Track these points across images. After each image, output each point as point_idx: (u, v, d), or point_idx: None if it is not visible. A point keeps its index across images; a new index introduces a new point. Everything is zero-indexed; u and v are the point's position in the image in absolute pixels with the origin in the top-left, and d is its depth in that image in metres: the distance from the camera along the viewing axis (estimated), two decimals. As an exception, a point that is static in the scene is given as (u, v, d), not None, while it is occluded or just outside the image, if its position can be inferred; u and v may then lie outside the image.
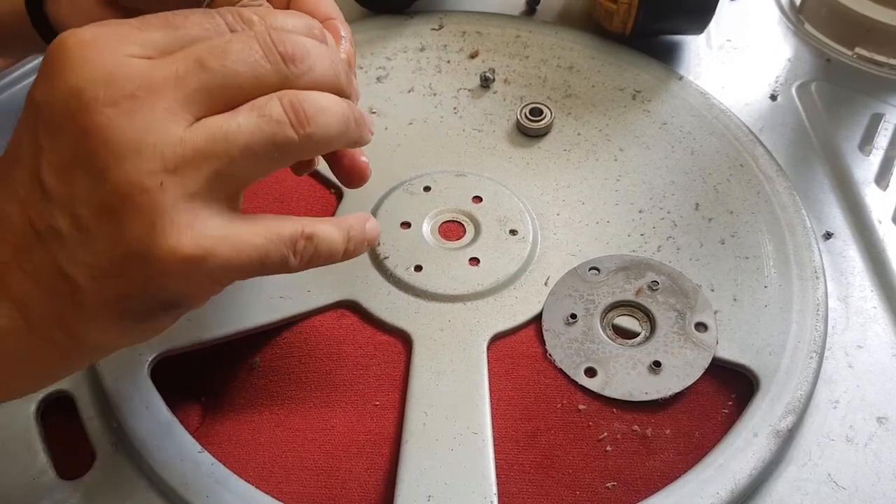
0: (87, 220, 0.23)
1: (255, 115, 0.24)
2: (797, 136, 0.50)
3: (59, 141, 0.23)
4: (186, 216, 0.23)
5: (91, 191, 0.23)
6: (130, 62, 0.23)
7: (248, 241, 0.24)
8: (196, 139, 0.23)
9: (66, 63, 0.23)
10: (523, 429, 0.37)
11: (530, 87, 0.51)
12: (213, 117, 0.23)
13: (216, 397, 0.38)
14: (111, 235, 0.23)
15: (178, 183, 0.23)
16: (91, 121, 0.22)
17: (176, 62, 0.23)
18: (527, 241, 0.42)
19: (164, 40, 0.24)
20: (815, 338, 0.38)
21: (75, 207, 0.23)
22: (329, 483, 0.35)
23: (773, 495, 0.35)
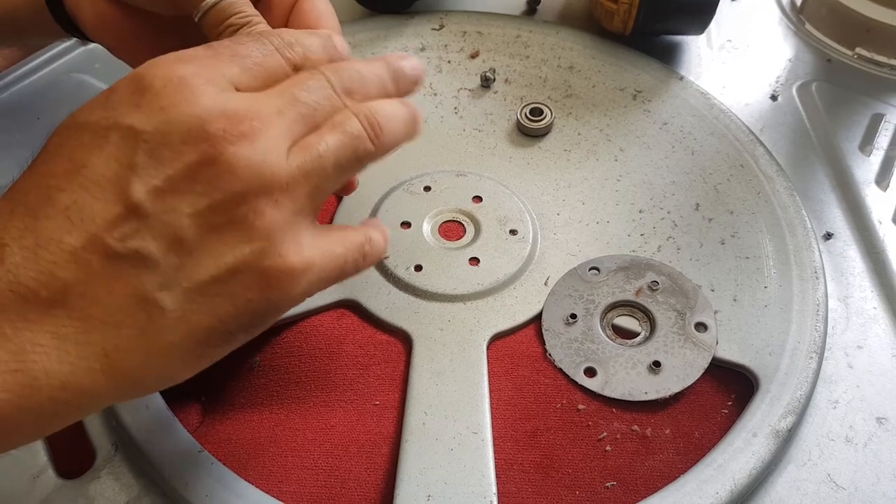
0: (193, 238, 0.23)
1: (338, 133, 0.27)
2: (798, 136, 0.50)
3: (170, 165, 0.23)
4: (295, 230, 0.25)
5: (206, 210, 0.24)
6: (237, 97, 0.25)
7: (335, 251, 0.27)
8: (300, 160, 0.26)
9: (179, 97, 0.24)
10: (523, 428, 0.37)
11: (531, 87, 0.51)
12: (306, 139, 0.26)
13: (216, 397, 0.38)
14: (223, 251, 0.24)
15: (289, 200, 0.25)
16: (221, 148, 0.24)
17: (273, 98, 0.26)
18: (527, 241, 0.42)
19: (239, 72, 0.26)
20: (815, 338, 0.38)
21: (179, 227, 0.23)
22: (329, 482, 0.35)
23: (772, 495, 0.35)
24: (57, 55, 0.55)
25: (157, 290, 0.23)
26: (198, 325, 0.24)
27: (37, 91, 0.53)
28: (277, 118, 0.25)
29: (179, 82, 0.24)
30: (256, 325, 0.26)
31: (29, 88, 0.53)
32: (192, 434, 0.35)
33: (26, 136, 0.49)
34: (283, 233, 0.25)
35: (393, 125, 0.28)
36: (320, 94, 0.27)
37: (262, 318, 0.26)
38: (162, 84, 0.24)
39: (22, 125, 0.50)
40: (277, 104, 0.26)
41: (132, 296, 0.23)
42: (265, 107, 0.25)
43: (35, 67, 0.54)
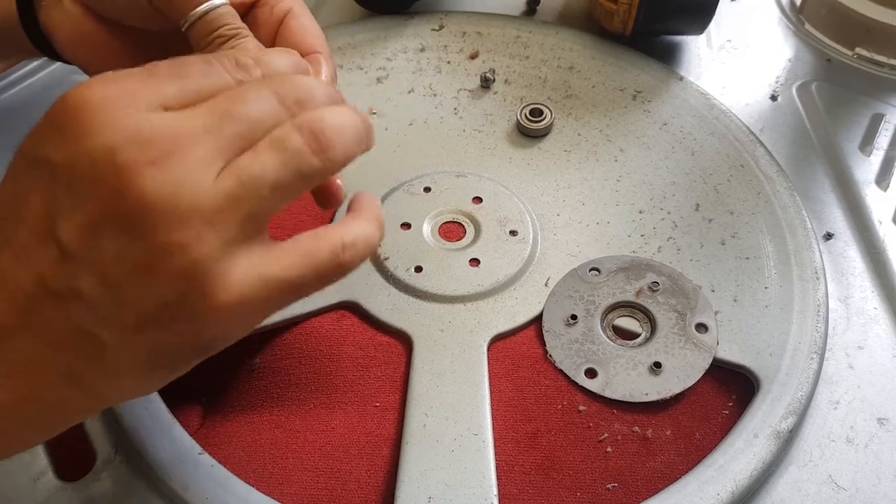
0: (117, 278, 0.22)
1: (277, 150, 0.24)
2: (798, 136, 0.50)
3: (85, 201, 0.22)
4: (224, 264, 0.23)
5: (124, 249, 0.22)
6: (156, 119, 0.23)
7: (283, 275, 0.25)
8: (227, 186, 0.23)
9: (89, 123, 0.22)
10: (524, 430, 0.37)
11: (530, 88, 0.51)
12: (239, 160, 0.24)
13: (216, 398, 0.38)
14: (147, 291, 0.23)
15: (214, 233, 0.23)
16: (128, 181, 0.22)
17: (199, 116, 0.23)
18: (527, 242, 0.42)
19: (176, 92, 0.24)
20: (816, 338, 0.38)
21: (104, 266, 0.22)
22: (329, 484, 0.35)
23: (773, 496, 0.35)
24: (56, 56, 0.55)
25: (94, 325, 0.23)
26: (138, 356, 0.24)
27: (37, 92, 0.52)
28: (203, 138, 0.23)
29: (97, 106, 0.22)
30: (201, 355, 0.25)
31: (29, 90, 0.53)
32: (192, 436, 0.35)
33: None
34: (206, 270, 0.23)
35: (343, 138, 0.25)
36: (259, 107, 0.24)
37: (203, 349, 0.25)
38: (80, 109, 0.23)
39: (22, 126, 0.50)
40: (205, 122, 0.23)
41: (75, 329, 0.23)
42: (188, 126, 0.23)
43: (35, 68, 0.54)
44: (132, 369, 0.24)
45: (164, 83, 0.24)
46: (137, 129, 0.22)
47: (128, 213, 0.22)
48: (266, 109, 0.24)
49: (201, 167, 0.23)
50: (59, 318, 0.23)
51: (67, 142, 0.22)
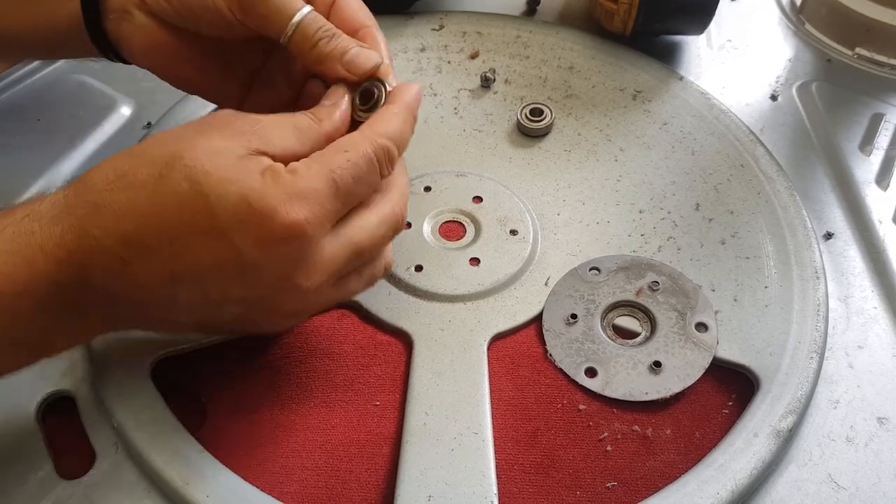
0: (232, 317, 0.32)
1: (366, 279, 0.35)
2: (798, 136, 0.50)
3: (247, 290, 0.30)
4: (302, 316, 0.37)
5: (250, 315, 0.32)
6: (324, 255, 0.30)
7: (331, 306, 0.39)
8: (329, 297, 0.33)
9: (287, 244, 0.29)
10: (524, 429, 0.37)
11: (531, 88, 0.51)
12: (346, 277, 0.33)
13: (217, 397, 0.38)
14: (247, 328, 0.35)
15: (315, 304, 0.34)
16: (282, 294, 0.31)
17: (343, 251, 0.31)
18: (527, 242, 0.42)
19: (341, 209, 0.31)
20: (816, 338, 0.38)
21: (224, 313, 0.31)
22: (329, 483, 0.35)
23: (773, 495, 0.35)
24: (57, 56, 0.55)
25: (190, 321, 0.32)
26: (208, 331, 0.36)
27: (37, 92, 0.53)
28: (338, 268, 0.31)
29: (294, 232, 0.29)
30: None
31: (29, 89, 0.53)
32: (192, 435, 0.35)
33: (26, 136, 0.49)
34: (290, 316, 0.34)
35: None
36: (381, 244, 0.33)
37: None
38: (283, 228, 0.28)
39: (22, 126, 0.50)
40: (344, 257, 0.31)
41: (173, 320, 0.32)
42: (336, 258, 0.31)
43: (36, 68, 0.54)
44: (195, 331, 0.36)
45: (340, 203, 0.30)
46: (310, 260, 0.30)
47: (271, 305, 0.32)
48: (384, 243, 0.33)
49: (327, 285, 0.32)
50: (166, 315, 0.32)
51: (262, 248, 0.29)
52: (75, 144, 0.49)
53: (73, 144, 0.49)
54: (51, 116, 0.50)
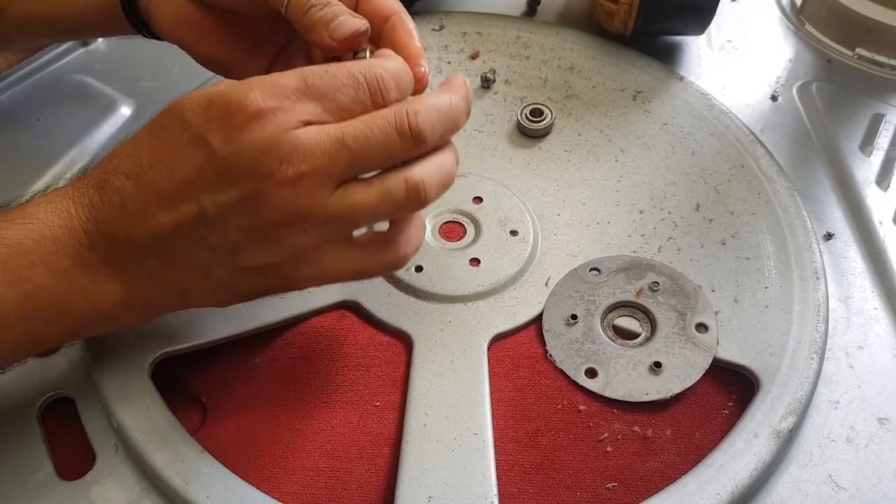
0: (239, 241, 0.30)
1: (385, 196, 0.30)
2: (798, 136, 0.50)
3: (230, 189, 0.29)
4: (314, 254, 0.31)
5: (250, 226, 0.30)
6: (299, 140, 0.29)
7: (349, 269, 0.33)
8: (337, 207, 0.30)
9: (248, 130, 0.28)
10: (524, 429, 0.37)
11: (531, 88, 0.51)
12: (355, 189, 0.30)
13: (217, 398, 0.38)
14: (257, 255, 0.30)
15: (315, 232, 0.30)
16: (265, 188, 0.29)
17: (331, 141, 0.29)
18: (527, 242, 0.42)
19: (320, 112, 0.29)
20: (816, 338, 0.38)
21: (230, 231, 0.30)
22: (329, 483, 0.35)
23: (773, 496, 0.35)
24: (57, 56, 0.55)
25: (212, 264, 0.31)
26: (237, 288, 0.32)
27: (37, 92, 0.53)
28: (328, 165, 0.29)
29: (257, 114, 0.28)
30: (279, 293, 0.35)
31: (29, 89, 0.53)
32: (192, 435, 0.35)
33: (26, 136, 0.49)
34: (302, 255, 0.31)
35: (436, 191, 0.31)
36: (380, 143, 0.30)
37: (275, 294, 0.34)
38: (245, 113, 0.28)
39: (22, 126, 0.50)
40: (335, 149, 0.29)
41: (196, 263, 0.31)
42: (321, 150, 0.29)
43: (36, 68, 0.54)
44: (226, 294, 0.33)
45: (311, 101, 0.29)
46: (282, 147, 0.28)
47: (260, 208, 0.29)
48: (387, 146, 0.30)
49: (322, 188, 0.29)
50: (185, 254, 0.31)
51: (230, 141, 0.28)
52: (75, 144, 0.49)
53: (73, 144, 0.49)
54: (51, 116, 0.50)
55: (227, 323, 0.39)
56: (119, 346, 0.37)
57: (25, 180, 0.46)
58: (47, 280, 0.30)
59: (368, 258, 0.33)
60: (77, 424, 0.37)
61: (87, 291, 0.31)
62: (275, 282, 0.32)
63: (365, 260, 0.33)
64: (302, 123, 0.29)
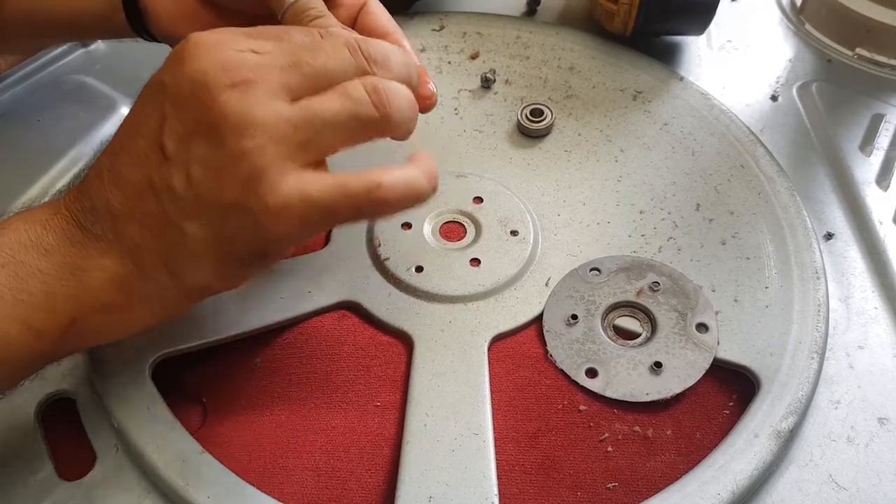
0: (199, 178, 0.28)
1: (340, 96, 0.29)
2: (798, 136, 0.50)
3: (183, 113, 0.28)
4: (276, 175, 0.28)
5: (206, 155, 0.28)
6: (245, 55, 0.28)
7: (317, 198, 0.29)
8: (291, 113, 0.28)
9: (194, 54, 0.28)
10: (524, 430, 0.37)
11: (531, 88, 0.51)
12: (307, 98, 0.29)
13: (217, 398, 0.38)
14: (219, 190, 0.28)
15: (273, 148, 0.28)
16: (213, 98, 0.27)
17: (280, 57, 0.29)
18: (527, 242, 0.42)
19: (269, 46, 0.29)
20: (816, 338, 0.38)
21: (190, 168, 0.28)
22: (330, 484, 0.35)
23: (773, 496, 0.35)
24: (57, 56, 0.55)
25: (179, 217, 0.29)
26: (213, 246, 0.30)
27: (37, 92, 0.53)
28: (279, 73, 0.28)
29: (204, 43, 0.28)
30: (264, 255, 0.31)
31: (30, 89, 0.53)
32: (193, 435, 0.35)
33: (27, 136, 0.49)
34: (261, 176, 0.28)
35: (399, 101, 0.30)
36: (332, 59, 0.29)
37: (264, 247, 0.30)
38: (192, 45, 0.28)
39: (22, 126, 0.50)
40: (282, 62, 0.29)
41: (167, 219, 0.29)
42: (268, 62, 0.28)
43: (36, 69, 0.54)
44: (207, 258, 0.30)
45: (263, 39, 0.29)
46: (227, 59, 0.28)
47: (211, 124, 0.28)
48: (339, 62, 0.30)
49: (272, 95, 0.28)
50: (156, 210, 0.29)
51: (177, 68, 0.28)
52: (75, 144, 0.49)
53: (73, 144, 0.49)
54: (51, 116, 0.50)
55: (227, 323, 0.39)
56: (119, 346, 0.37)
57: (26, 180, 0.46)
58: (37, 260, 0.30)
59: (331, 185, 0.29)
60: (77, 424, 0.37)
61: (77, 269, 0.30)
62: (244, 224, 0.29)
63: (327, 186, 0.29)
64: (251, 51, 0.29)
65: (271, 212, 0.28)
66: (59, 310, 0.30)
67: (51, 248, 0.30)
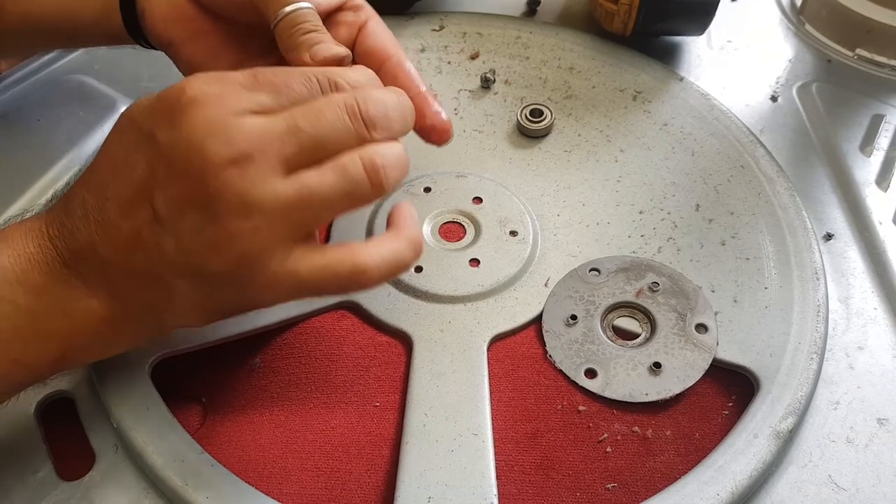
0: (190, 246, 0.28)
1: (339, 174, 0.29)
2: (798, 137, 0.50)
3: (177, 179, 0.27)
4: (269, 255, 0.28)
5: (200, 226, 0.28)
6: (244, 122, 0.28)
7: (307, 279, 0.29)
8: (289, 194, 0.28)
9: (192, 115, 0.27)
10: (523, 430, 0.37)
11: (531, 88, 0.51)
12: (304, 173, 0.28)
13: (217, 398, 0.38)
14: (211, 261, 0.28)
15: (268, 229, 0.28)
16: (212, 175, 0.27)
17: (279, 124, 0.28)
18: (527, 242, 0.42)
19: (270, 101, 0.29)
20: (816, 339, 0.38)
21: (182, 235, 0.28)
22: (329, 484, 0.35)
23: (773, 497, 0.35)
24: (57, 56, 0.55)
25: (169, 274, 0.29)
26: (196, 303, 0.30)
27: (37, 92, 0.53)
28: (277, 148, 0.28)
29: (202, 101, 0.27)
30: (244, 312, 0.32)
31: (29, 90, 0.53)
32: (192, 435, 0.35)
33: (26, 137, 0.49)
34: (255, 258, 0.28)
35: (396, 172, 0.30)
36: (331, 127, 0.29)
37: (245, 310, 0.32)
38: (188, 101, 0.28)
39: (22, 126, 0.50)
40: (281, 128, 0.28)
41: (155, 274, 0.29)
42: (268, 134, 0.28)
43: (36, 69, 0.54)
44: (191, 311, 0.31)
45: (262, 92, 0.29)
46: (227, 130, 0.27)
47: (207, 198, 0.27)
48: (339, 131, 0.29)
49: (271, 171, 0.27)
50: (144, 263, 0.29)
51: (173, 128, 0.27)
52: (75, 144, 0.49)
53: (73, 144, 0.49)
54: (51, 116, 0.50)
55: (227, 323, 0.38)
56: (119, 346, 0.37)
57: (25, 181, 0.46)
58: (25, 298, 0.29)
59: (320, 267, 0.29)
60: (77, 424, 0.37)
61: (66, 309, 0.30)
62: (232, 293, 0.30)
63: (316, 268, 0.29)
64: (249, 112, 0.28)
65: (261, 286, 0.29)
66: (47, 347, 0.30)
67: (38, 288, 0.29)
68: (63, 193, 0.31)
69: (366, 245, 0.30)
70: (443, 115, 0.36)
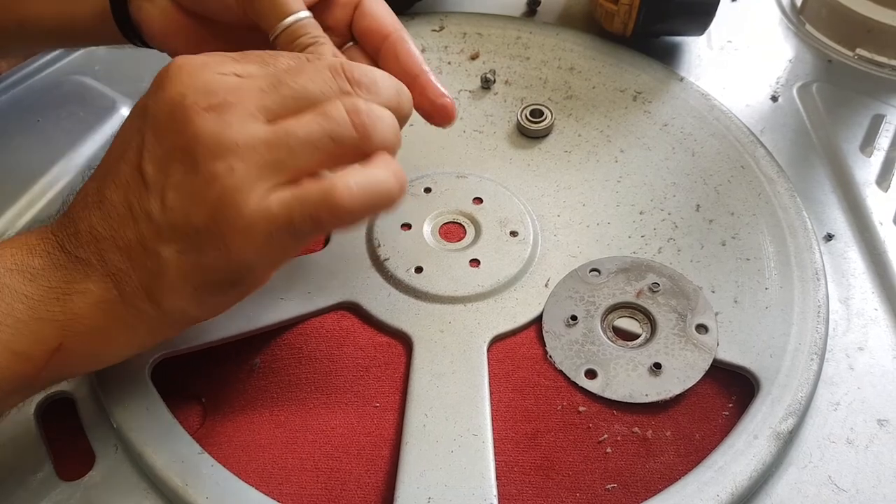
0: (173, 203, 0.28)
1: (318, 116, 0.28)
2: (798, 137, 0.50)
3: (161, 138, 0.28)
4: (245, 196, 0.27)
5: (182, 179, 0.28)
6: (226, 78, 0.28)
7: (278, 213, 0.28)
8: (265, 135, 0.28)
9: (175, 77, 0.28)
10: (523, 430, 0.37)
11: (531, 89, 0.51)
12: (285, 119, 0.28)
13: (216, 398, 0.38)
14: (191, 214, 0.28)
15: (244, 170, 0.27)
16: (188, 120, 0.27)
17: (260, 80, 0.29)
18: (527, 243, 0.42)
19: (254, 69, 0.29)
20: (816, 340, 0.38)
21: (166, 193, 0.28)
22: (329, 484, 0.35)
23: (773, 497, 0.34)
24: (57, 57, 0.55)
25: (155, 242, 0.29)
26: (189, 273, 0.29)
27: (37, 93, 0.53)
28: (256, 95, 0.28)
29: (185, 66, 0.29)
30: (238, 282, 0.31)
31: (29, 90, 0.53)
32: (192, 435, 0.35)
33: (26, 137, 0.49)
34: (230, 198, 0.27)
35: (381, 124, 0.29)
36: (313, 80, 0.29)
37: (236, 272, 0.30)
38: (174, 68, 0.29)
39: (22, 127, 0.50)
40: (262, 84, 0.29)
41: (144, 245, 0.29)
42: (247, 86, 0.28)
43: (36, 69, 0.54)
44: (184, 287, 0.30)
45: (248, 63, 0.29)
46: (207, 82, 0.28)
47: (186, 147, 0.28)
48: (320, 84, 0.29)
49: (249, 116, 0.28)
50: (135, 236, 0.29)
51: (159, 92, 0.29)
52: (75, 145, 0.49)
53: (73, 145, 0.49)
54: (51, 116, 0.50)
55: (227, 323, 0.39)
56: (119, 346, 0.37)
57: (25, 181, 0.46)
58: (22, 284, 0.30)
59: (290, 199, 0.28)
60: (77, 424, 0.37)
61: (63, 291, 0.30)
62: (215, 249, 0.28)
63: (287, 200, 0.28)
64: (234, 74, 0.29)
65: (237, 232, 0.28)
66: (45, 334, 0.30)
67: (35, 273, 0.30)
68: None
69: (342, 171, 0.29)
70: (446, 96, 0.35)
